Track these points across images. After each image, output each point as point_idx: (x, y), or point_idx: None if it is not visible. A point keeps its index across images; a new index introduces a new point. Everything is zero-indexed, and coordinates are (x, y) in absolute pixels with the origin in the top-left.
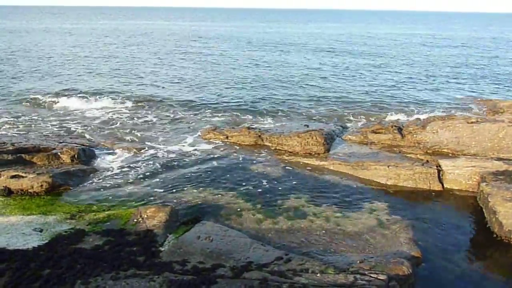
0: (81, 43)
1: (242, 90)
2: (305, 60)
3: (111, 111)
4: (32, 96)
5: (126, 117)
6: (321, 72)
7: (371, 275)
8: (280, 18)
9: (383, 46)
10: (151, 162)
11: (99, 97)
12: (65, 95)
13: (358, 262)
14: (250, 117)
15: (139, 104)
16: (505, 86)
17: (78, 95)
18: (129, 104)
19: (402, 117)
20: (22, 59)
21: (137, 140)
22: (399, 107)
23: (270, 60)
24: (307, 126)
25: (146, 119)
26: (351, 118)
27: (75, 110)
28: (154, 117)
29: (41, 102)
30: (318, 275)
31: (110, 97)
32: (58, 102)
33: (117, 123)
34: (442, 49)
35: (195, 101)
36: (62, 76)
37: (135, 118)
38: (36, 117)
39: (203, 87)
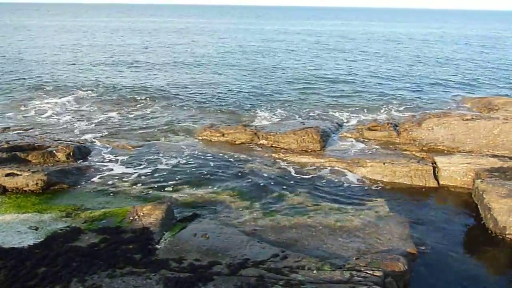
0: (77, 40)
1: (238, 88)
2: (302, 58)
3: (107, 109)
4: (27, 94)
5: (122, 115)
6: (317, 70)
7: (367, 271)
8: (280, 16)
9: (377, 44)
10: (146, 160)
11: (95, 95)
12: (60, 92)
13: (354, 258)
14: (246, 114)
15: (136, 102)
16: (499, 83)
17: (74, 92)
18: (125, 102)
19: (397, 115)
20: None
21: (133, 138)
22: (394, 105)
23: (266, 58)
24: (303, 123)
25: (142, 117)
26: (347, 115)
27: (70, 108)
28: (150, 115)
29: (36, 99)
30: (315, 271)
31: (106, 95)
32: (53, 99)
33: (113, 120)
34: (437, 46)
35: (191, 99)
36: (57, 73)
37: (131, 115)
38: (31, 115)
39: (199, 85)
